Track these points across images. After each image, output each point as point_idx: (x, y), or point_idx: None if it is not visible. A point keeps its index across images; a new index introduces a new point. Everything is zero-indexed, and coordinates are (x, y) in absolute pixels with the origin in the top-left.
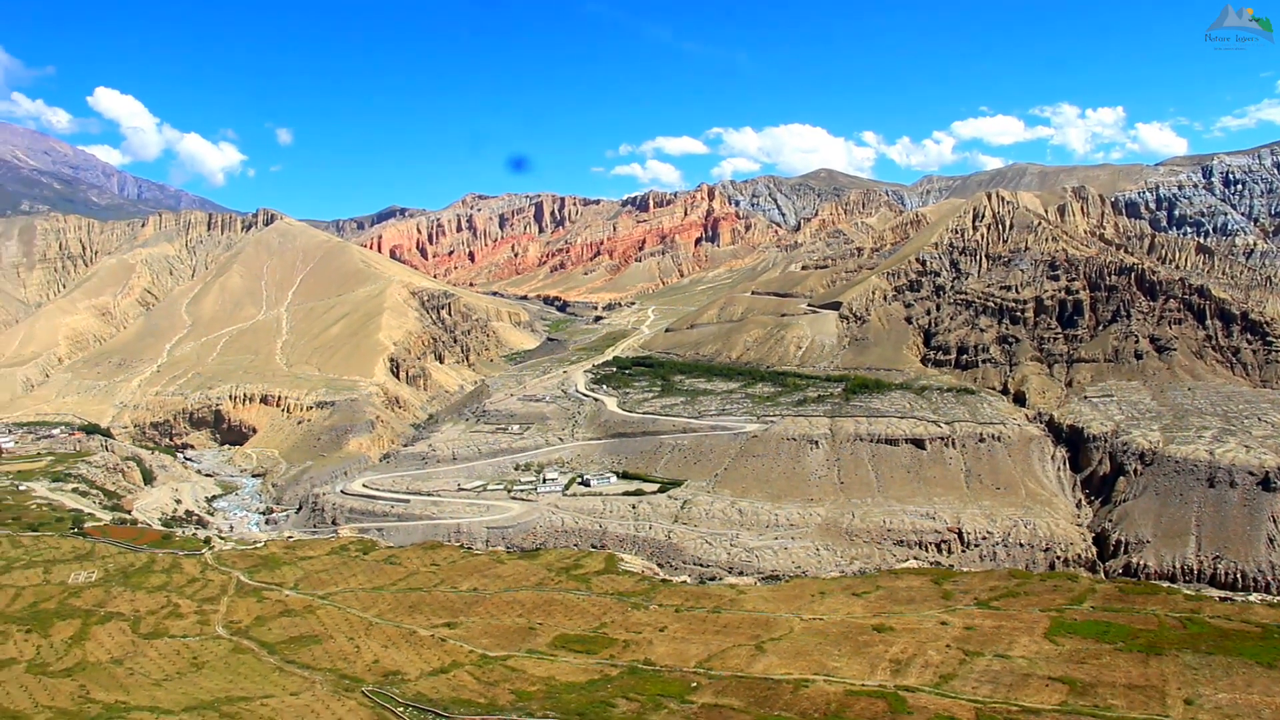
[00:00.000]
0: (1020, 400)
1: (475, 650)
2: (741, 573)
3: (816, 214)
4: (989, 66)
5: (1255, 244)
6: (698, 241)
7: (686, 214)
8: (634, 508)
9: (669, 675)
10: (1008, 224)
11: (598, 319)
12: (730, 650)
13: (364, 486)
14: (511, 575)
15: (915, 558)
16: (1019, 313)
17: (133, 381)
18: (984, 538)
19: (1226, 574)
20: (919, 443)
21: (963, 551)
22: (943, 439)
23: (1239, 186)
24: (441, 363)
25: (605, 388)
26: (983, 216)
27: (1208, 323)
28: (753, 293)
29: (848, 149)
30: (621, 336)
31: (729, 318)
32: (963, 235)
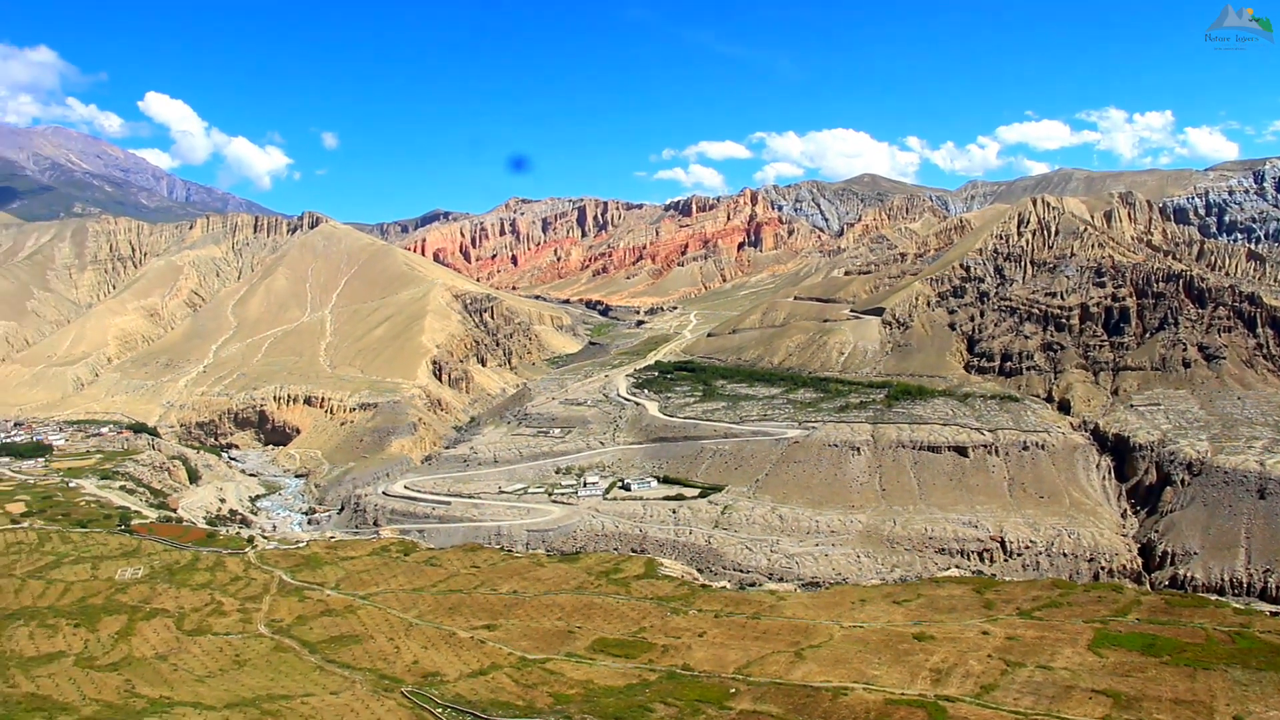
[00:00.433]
0: (1065, 408)
1: (514, 653)
2: (781, 579)
3: (860, 219)
4: (1035, 70)
5: None
6: (740, 246)
7: (729, 219)
8: (674, 512)
9: (707, 681)
10: (1053, 230)
11: (640, 323)
12: (769, 657)
13: (405, 488)
14: (551, 578)
15: (957, 566)
16: (1064, 320)
17: (179, 381)
18: (1027, 547)
19: (1278, 588)
20: (962, 450)
21: (1005, 560)
22: (986, 446)
23: None
24: (484, 366)
25: (647, 392)
26: (1028, 222)
27: (1259, 331)
28: (795, 298)
29: (891, 154)
30: (663, 341)
31: (771, 323)
32: (1007, 241)
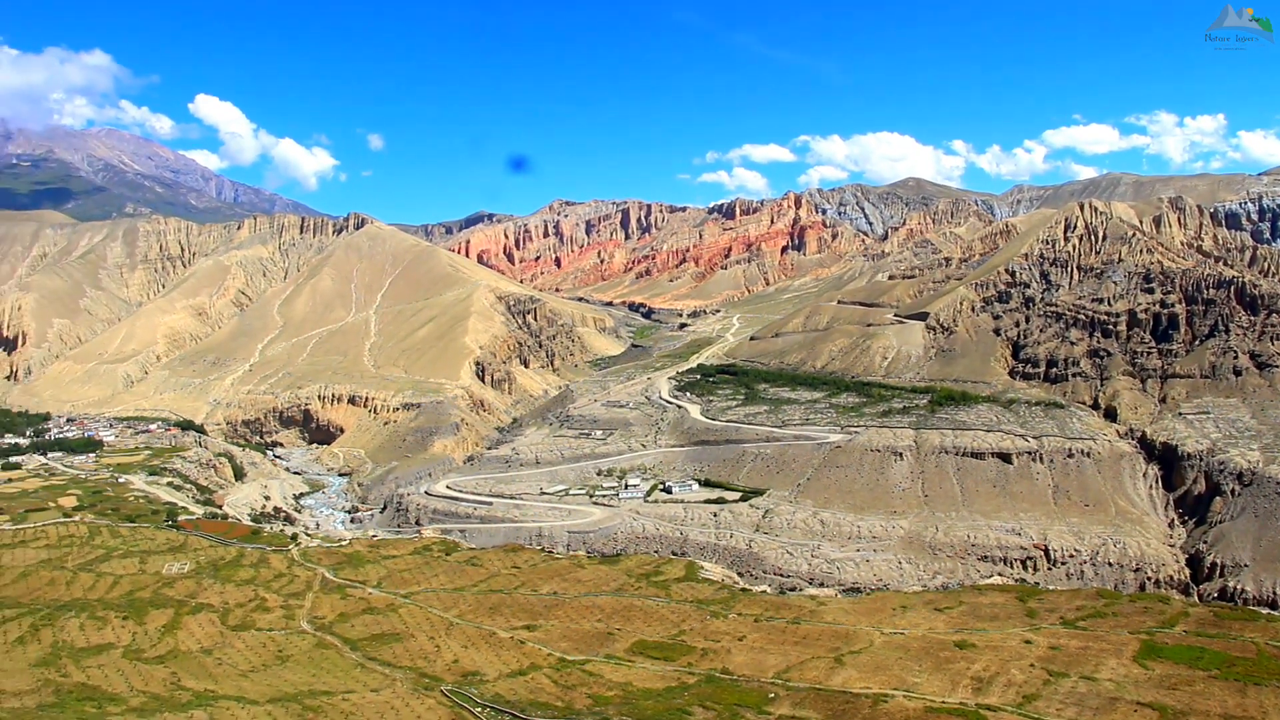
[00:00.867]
0: (1111, 415)
1: (554, 653)
2: (822, 584)
3: (904, 223)
4: (1083, 74)
5: None
6: (784, 250)
7: (773, 222)
8: (715, 516)
9: (746, 685)
10: (1100, 235)
11: (682, 326)
12: (809, 662)
13: (448, 488)
14: (591, 580)
15: (999, 574)
16: (1111, 326)
17: (226, 380)
18: (1071, 555)
19: None
20: (1005, 457)
21: (1049, 569)
22: (1030, 453)
23: None
24: (526, 367)
25: (689, 395)
26: (1075, 227)
27: None
28: (838, 302)
29: (936, 158)
30: (706, 344)
31: (814, 327)
32: (1054, 246)
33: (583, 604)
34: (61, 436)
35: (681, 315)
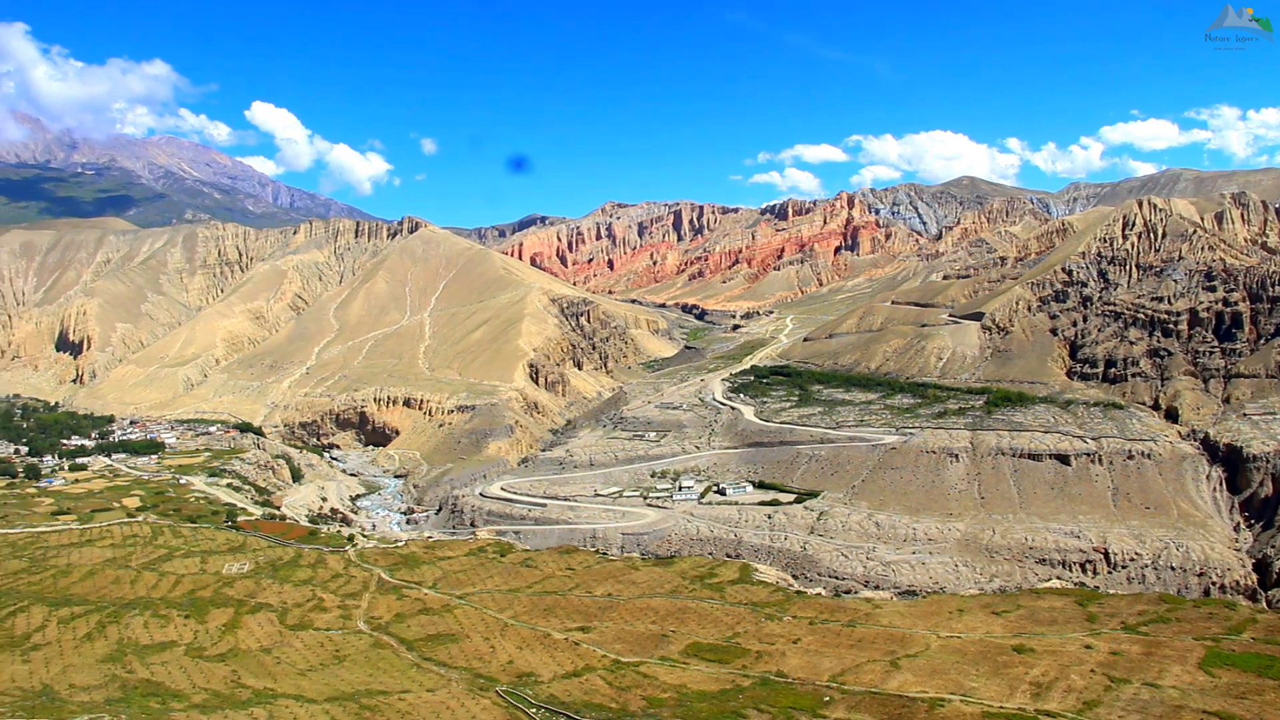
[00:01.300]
0: (1172, 416)
1: (608, 655)
2: (877, 587)
3: (958, 222)
4: (1141, 68)
5: None
6: (837, 250)
7: (826, 222)
8: (769, 518)
9: (801, 688)
10: (1160, 232)
11: (735, 327)
12: (864, 665)
13: (502, 490)
14: (646, 582)
15: (1058, 577)
16: (1172, 325)
17: (283, 383)
18: (1132, 559)
19: None
20: (1064, 458)
21: (1109, 573)
22: (1089, 455)
23: None
24: (580, 369)
25: (742, 396)
26: (1133, 225)
27: None
28: (893, 302)
29: (991, 156)
30: (759, 345)
31: (868, 327)
32: (1112, 244)
33: (637, 606)
34: (125, 438)
35: (734, 317)
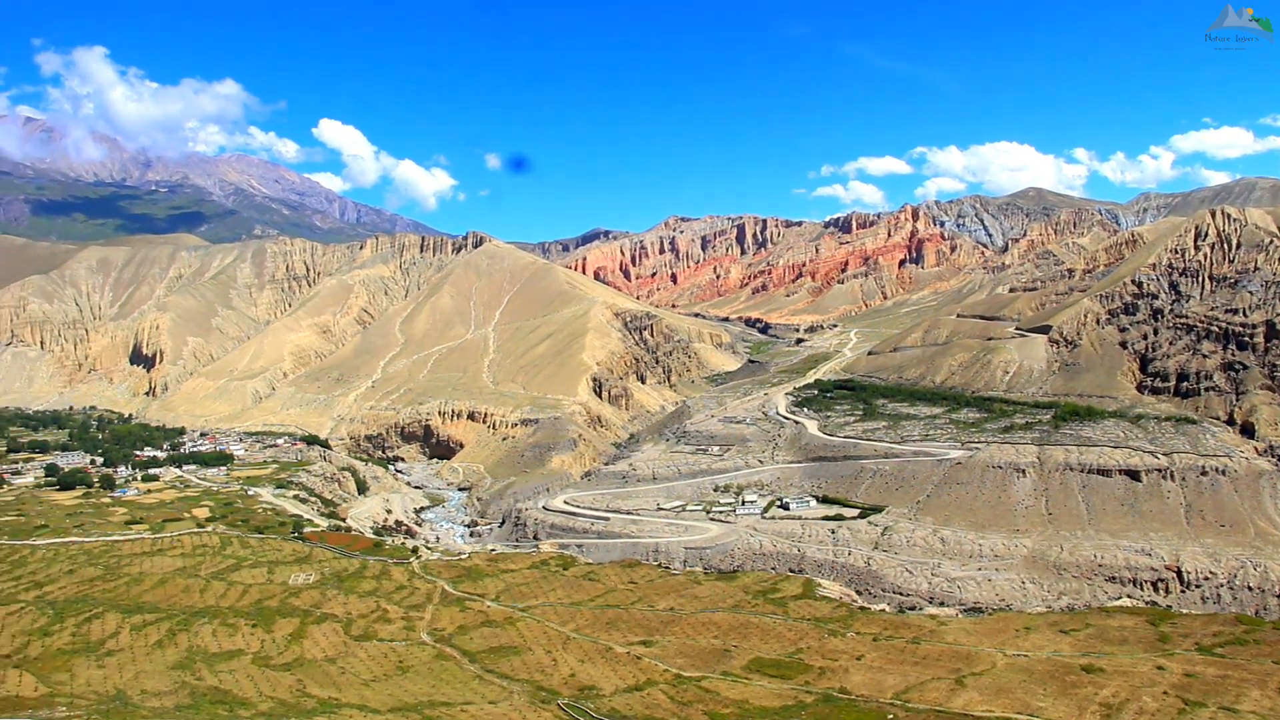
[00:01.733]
0: (1248, 431)
1: (670, 669)
2: (942, 603)
3: (1025, 234)
4: (1213, 75)
5: None
6: (901, 263)
7: (890, 235)
8: (833, 533)
9: (864, 705)
10: (1234, 243)
11: (799, 341)
12: (929, 683)
13: (565, 503)
14: (708, 596)
15: (1128, 596)
16: (1247, 338)
17: (349, 396)
18: (1206, 578)
19: None
20: (1134, 474)
21: (1182, 592)
22: (1160, 471)
23: None
24: (643, 383)
25: (806, 410)
26: (1206, 235)
27: None
28: (958, 315)
29: (1058, 166)
30: (823, 359)
31: (933, 341)
32: (1183, 255)
33: (699, 620)
34: (195, 450)
35: (798, 330)
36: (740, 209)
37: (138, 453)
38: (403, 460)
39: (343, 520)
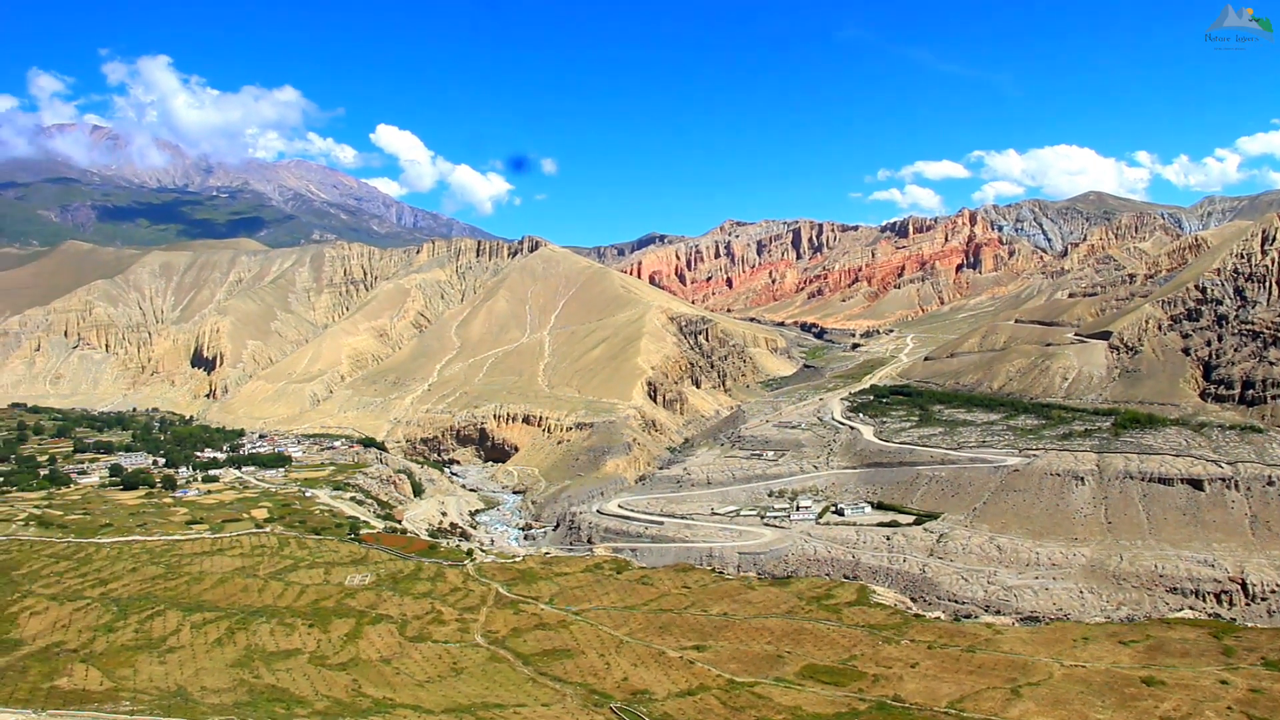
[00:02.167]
0: None
1: (723, 675)
2: (999, 612)
3: (1085, 239)
4: None
5: None
6: (959, 268)
7: (947, 240)
8: (888, 539)
9: (919, 714)
10: None
11: (855, 346)
12: (984, 692)
13: (619, 507)
14: (762, 602)
15: (1190, 608)
16: None
17: (406, 399)
18: (1273, 591)
19: None
20: (1196, 483)
21: (1246, 605)
22: (1224, 480)
23: None
24: (698, 387)
25: (862, 416)
26: (1273, 239)
27: None
28: (1016, 321)
29: (1118, 170)
30: (879, 364)
31: (990, 346)
32: (1249, 260)
33: (752, 626)
34: (254, 452)
35: (854, 335)
36: (796, 213)
37: (198, 454)
38: (458, 463)
39: (398, 522)
